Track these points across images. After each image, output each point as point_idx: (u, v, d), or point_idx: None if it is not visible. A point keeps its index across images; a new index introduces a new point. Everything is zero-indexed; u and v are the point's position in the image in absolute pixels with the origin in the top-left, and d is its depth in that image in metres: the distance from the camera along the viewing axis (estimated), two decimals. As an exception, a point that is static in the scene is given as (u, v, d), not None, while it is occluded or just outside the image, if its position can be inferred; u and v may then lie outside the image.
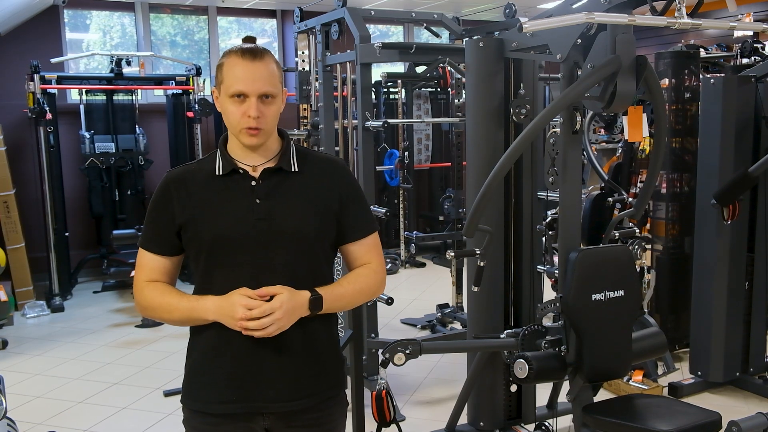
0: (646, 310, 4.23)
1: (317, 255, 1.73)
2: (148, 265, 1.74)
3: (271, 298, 1.60)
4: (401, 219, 6.82)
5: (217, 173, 1.70)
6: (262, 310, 1.58)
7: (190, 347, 1.77)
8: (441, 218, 6.05)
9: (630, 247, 3.42)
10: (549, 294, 3.73)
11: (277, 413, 1.70)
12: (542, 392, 3.40)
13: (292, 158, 1.74)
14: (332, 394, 1.79)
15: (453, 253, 2.98)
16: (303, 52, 4.61)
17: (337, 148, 4.33)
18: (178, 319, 1.70)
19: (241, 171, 1.70)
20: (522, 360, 2.46)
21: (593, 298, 2.47)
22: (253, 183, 1.69)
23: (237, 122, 1.65)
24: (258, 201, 1.67)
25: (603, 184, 4.08)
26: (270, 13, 8.22)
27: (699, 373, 3.96)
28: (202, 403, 1.73)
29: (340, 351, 1.86)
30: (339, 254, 1.86)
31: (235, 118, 1.64)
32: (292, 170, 1.72)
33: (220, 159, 1.72)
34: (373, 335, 3.96)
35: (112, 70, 6.48)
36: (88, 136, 6.37)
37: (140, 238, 1.76)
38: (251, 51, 1.64)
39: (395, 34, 9.06)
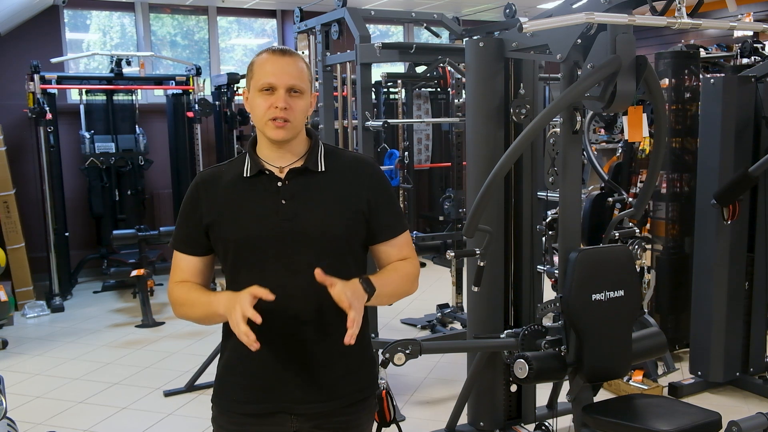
0: (646, 310, 4.23)
1: (344, 256, 1.71)
2: (180, 266, 1.76)
3: (275, 299, 1.57)
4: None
5: (244, 175, 1.71)
6: (343, 305, 1.53)
7: (223, 347, 1.78)
8: (441, 218, 6.04)
9: (630, 247, 3.42)
10: (549, 294, 3.73)
11: (305, 414, 1.70)
12: (542, 392, 3.40)
13: (319, 158, 1.73)
14: (363, 397, 1.77)
15: (453, 253, 2.98)
16: (303, 52, 4.60)
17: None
18: (200, 315, 1.70)
19: (267, 172, 1.70)
20: (522, 360, 2.46)
21: (593, 298, 2.47)
22: (279, 184, 1.69)
23: (263, 114, 1.65)
24: (284, 202, 1.67)
25: (603, 184, 4.08)
26: (270, 13, 8.22)
27: (699, 373, 3.96)
28: (231, 403, 1.73)
29: (372, 350, 1.84)
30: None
31: (261, 110, 1.65)
32: (319, 170, 1.71)
33: (248, 161, 1.72)
34: (373, 335, 3.96)
35: (112, 70, 6.49)
36: (88, 136, 6.38)
37: (172, 239, 1.78)
38: (282, 49, 1.68)
39: (395, 34, 9.06)
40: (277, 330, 1.63)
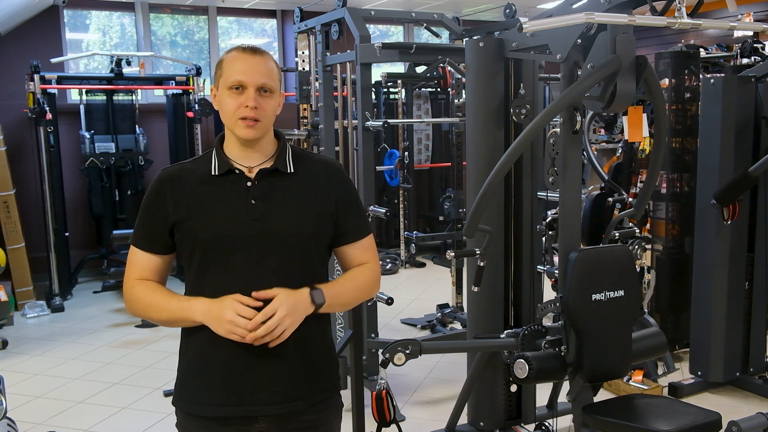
0: (646, 310, 4.23)
1: (312, 256, 1.72)
2: (139, 263, 1.74)
3: (266, 303, 1.59)
4: (401, 219, 6.82)
5: (212, 173, 1.70)
6: (264, 313, 1.57)
7: (183, 349, 1.77)
8: (441, 218, 6.06)
9: (630, 247, 3.42)
10: (549, 294, 3.73)
11: (271, 416, 1.69)
12: (542, 392, 3.40)
13: (288, 159, 1.73)
14: (327, 396, 1.78)
15: (453, 253, 2.98)
16: (303, 52, 4.61)
17: (337, 149, 4.33)
18: (167, 319, 1.69)
19: (236, 171, 1.70)
20: (522, 360, 2.46)
21: (593, 298, 2.47)
22: (249, 184, 1.69)
23: (233, 113, 1.65)
24: (253, 202, 1.67)
25: (603, 184, 4.07)
26: (270, 13, 8.22)
27: (699, 373, 3.96)
28: (196, 406, 1.72)
29: (335, 352, 1.85)
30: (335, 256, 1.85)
31: (231, 109, 1.65)
32: (288, 171, 1.72)
33: (215, 159, 1.71)
34: (373, 335, 3.96)
35: (112, 70, 6.48)
36: (88, 136, 6.38)
37: (132, 235, 1.76)
38: (251, 48, 1.68)
39: (395, 34, 9.06)
40: None
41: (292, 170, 1.73)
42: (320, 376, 1.76)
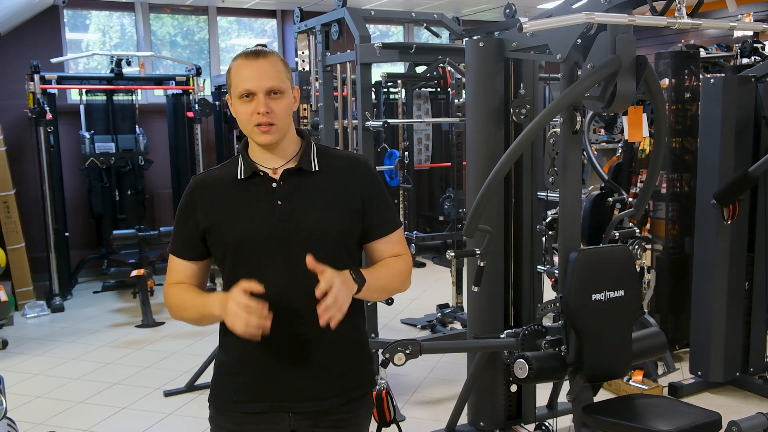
0: (646, 310, 4.23)
1: (341, 254, 1.71)
2: (176, 269, 1.77)
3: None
4: (401, 219, 6.82)
5: (238, 177, 1.71)
6: (321, 288, 1.52)
7: (220, 346, 1.78)
8: (441, 218, 6.04)
9: (630, 247, 3.42)
10: (549, 294, 3.73)
11: (303, 413, 1.70)
12: (542, 392, 3.40)
13: (312, 158, 1.73)
14: (360, 394, 1.78)
15: (453, 253, 2.98)
16: (303, 52, 4.61)
17: (337, 149, 4.33)
18: (194, 317, 1.71)
19: (261, 173, 1.70)
20: (522, 360, 2.46)
21: (593, 298, 2.47)
22: (274, 185, 1.69)
23: (247, 121, 1.65)
24: (279, 203, 1.67)
25: (603, 184, 4.08)
26: (270, 14, 8.22)
27: (699, 373, 3.96)
28: (229, 402, 1.73)
29: (369, 348, 1.84)
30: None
31: (245, 117, 1.65)
32: (313, 170, 1.72)
33: (241, 163, 1.73)
34: (373, 335, 3.96)
35: (112, 70, 6.49)
36: (88, 136, 6.38)
37: (170, 243, 1.79)
38: (255, 51, 1.67)
39: (395, 34, 9.06)
40: (276, 328, 1.62)
41: (317, 168, 1.72)
42: (354, 373, 1.76)
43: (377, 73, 5.56)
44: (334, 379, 1.71)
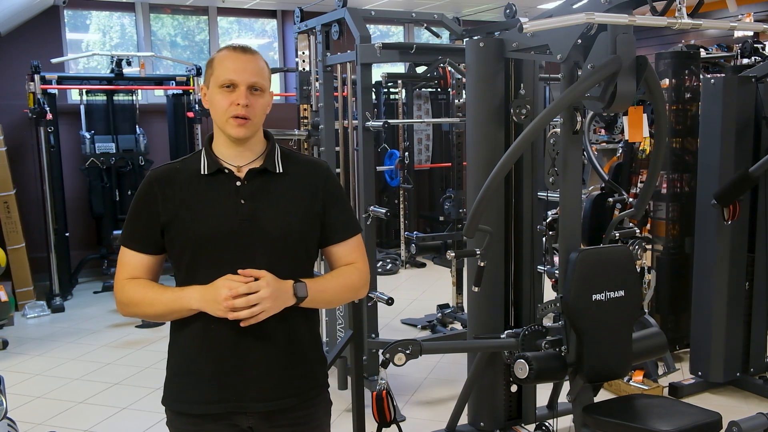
0: (646, 310, 4.23)
1: (300, 256, 1.74)
2: (130, 263, 1.73)
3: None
4: (401, 219, 6.82)
5: (202, 172, 1.71)
6: (249, 286, 1.57)
7: (171, 347, 1.79)
8: (441, 218, 6.05)
9: (630, 248, 3.42)
10: (549, 294, 3.72)
11: (260, 412, 1.70)
12: (542, 392, 3.40)
13: (277, 160, 1.74)
14: (316, 393, 1.80)
15: (453, 254, 2.98)
16: (303, 53, 4.61)
17: (337, 149, 4.33)
18: (161, 312, 1.69)
19: (226, 171, 1.70)
20: (522, 360, 2.46)
21: (593, 299, 2.47)
22: (238, 183, 1.69)
23: (224, 111, 1.66)
24: (243, 202, 1.68)
25: (603, 185, 4.08)
26: (270, 14, 8.22)
27: (699, 373, 3.96)
28: (185, 404, 1.74)
29: (323, 350, 1.86)
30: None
31: (222, 107, 1.66)
32: (277, 171, 1.73)
33: (205, 158, 1.72)
34: (373, 335, 3.96)
35: (112, 71, 6.49)
36: (88, 137, 6.38)
37: (121, 236, 1.75)
38: (242, 47, 1.70)
39: (395, 34, 9.06)
40: (232, 328, 1.63)
41: (281, 170, 1.74)
42: (309, 375, 1.77)
43: (377, 73, 5.56)
44: (290, 379, 1.72)
